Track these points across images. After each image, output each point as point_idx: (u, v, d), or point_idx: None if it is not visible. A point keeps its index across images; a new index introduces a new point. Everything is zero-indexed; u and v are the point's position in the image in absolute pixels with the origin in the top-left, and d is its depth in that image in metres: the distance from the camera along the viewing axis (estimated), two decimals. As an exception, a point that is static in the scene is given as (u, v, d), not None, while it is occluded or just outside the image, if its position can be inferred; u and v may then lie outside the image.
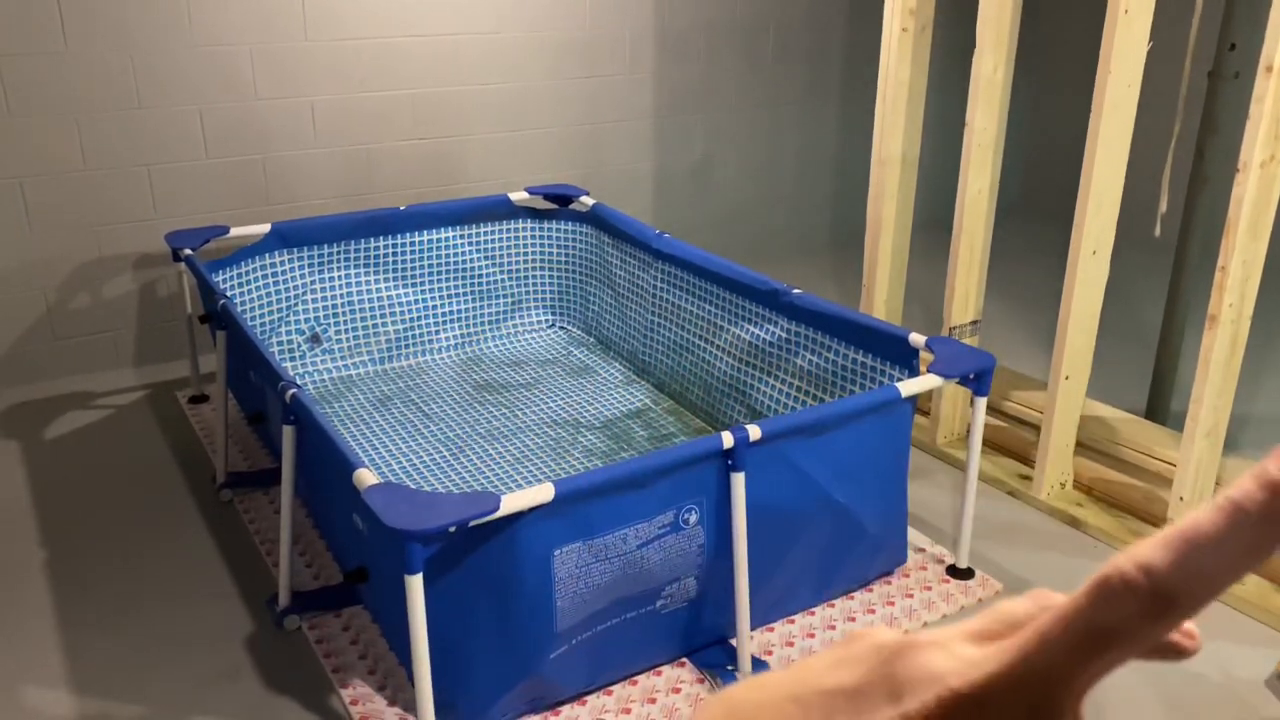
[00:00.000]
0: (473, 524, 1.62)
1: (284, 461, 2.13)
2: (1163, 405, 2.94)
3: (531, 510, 1.70)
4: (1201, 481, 2.32)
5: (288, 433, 2.11)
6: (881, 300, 2.99)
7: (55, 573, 2.35)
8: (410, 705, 1.93)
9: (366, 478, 1.72)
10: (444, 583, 1.73)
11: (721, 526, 1.93)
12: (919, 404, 2.93)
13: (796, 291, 2.60)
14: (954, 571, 2.35)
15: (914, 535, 2.48)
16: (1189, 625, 0.30)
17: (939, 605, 2.25)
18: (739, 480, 1.89)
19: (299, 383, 3.10)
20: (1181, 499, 2.32)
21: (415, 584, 1.62)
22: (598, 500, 1.77)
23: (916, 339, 2.29)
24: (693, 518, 1.90)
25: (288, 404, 2.06)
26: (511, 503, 1.65)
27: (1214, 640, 2.17)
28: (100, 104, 3.09)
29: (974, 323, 2.82)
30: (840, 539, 2.15)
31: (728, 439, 1.86)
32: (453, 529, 1.60)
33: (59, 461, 2.83)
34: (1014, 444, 2.83)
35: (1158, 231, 2.55)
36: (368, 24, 3.43)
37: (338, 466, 1.86)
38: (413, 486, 2.53)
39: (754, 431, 1.88)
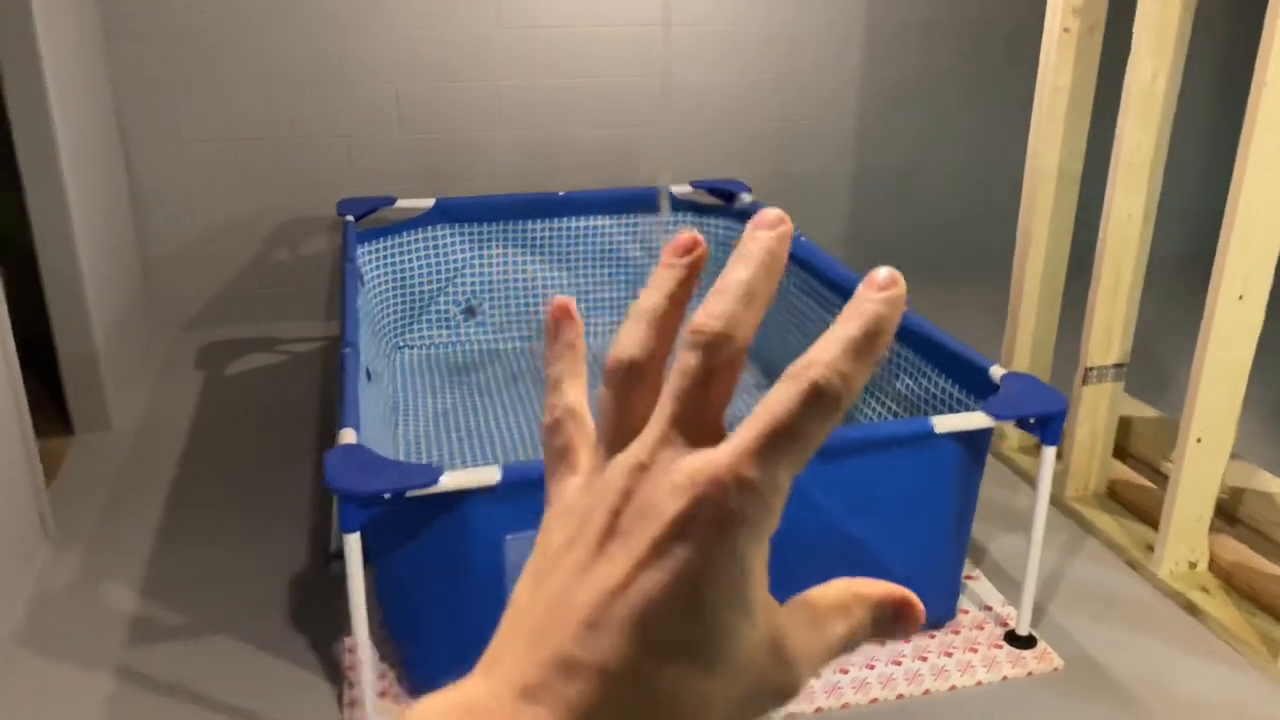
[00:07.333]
0: (409, 494, 1.65)
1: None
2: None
3: (480, 493, 1.70)
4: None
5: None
6: (1028, 331, 2.69)
7: (175, 490, 2.65)
8: (393, 660, 2.00)
9: (346, 436, 1.79)
10: (400, 553, 1.78)
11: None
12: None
13: (900, 308, 2.40)
14: (1012, 638, 2.08)
15: (987, 593, 2.23)
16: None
17: (977, 670, 2.00)
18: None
19: (454, 347, 3.27)
20: (1310, 602, 1.92)
21: (353, 542, 1.68)
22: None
23: (996, 372, 2.05)
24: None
25: (341, 362, 2.19)
26: (452, 480, 1.66)
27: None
28: (305, 78, 3.41)
29: (1118, 365, 2.47)
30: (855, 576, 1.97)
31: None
32: (387, 495, 1.64)
33: (227, 395, 3.17)
34: (1154, 508, 2.45)
35: None
36: (560, 12, 3.53)
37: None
38: (500, 462, 2.61)
39: (739, 445, 1.77)
